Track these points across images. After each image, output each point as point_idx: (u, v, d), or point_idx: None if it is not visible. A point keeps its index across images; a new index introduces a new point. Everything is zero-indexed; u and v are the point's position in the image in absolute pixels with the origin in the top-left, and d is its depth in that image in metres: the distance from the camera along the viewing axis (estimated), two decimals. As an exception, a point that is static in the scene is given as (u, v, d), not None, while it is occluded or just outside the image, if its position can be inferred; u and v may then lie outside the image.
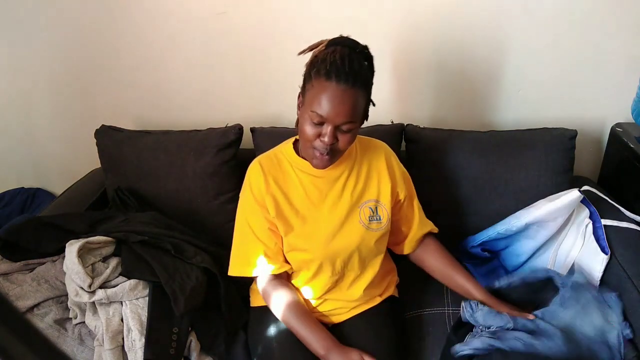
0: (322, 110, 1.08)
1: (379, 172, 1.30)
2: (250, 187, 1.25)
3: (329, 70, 1.07)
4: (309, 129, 1.12)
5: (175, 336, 1.27)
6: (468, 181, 1.59)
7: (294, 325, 1.20)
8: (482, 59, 1.76)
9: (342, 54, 1.08)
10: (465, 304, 1.23)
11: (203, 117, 1.91)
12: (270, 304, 1.25)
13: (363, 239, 1.25)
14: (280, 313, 1.23)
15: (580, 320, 1.13)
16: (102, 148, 1.77)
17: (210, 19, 1.80)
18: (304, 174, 1.25)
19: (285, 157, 1.28)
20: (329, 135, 1.10)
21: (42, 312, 1.32)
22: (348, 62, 1.07)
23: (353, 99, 1.08)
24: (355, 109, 1.09)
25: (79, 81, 1.99)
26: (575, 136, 1.57)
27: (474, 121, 1.81)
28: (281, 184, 1.25)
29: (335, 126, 1.09)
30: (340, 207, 1.25)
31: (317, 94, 1.08)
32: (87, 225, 1.47)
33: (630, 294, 1.21)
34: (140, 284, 1.32)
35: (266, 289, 1.26)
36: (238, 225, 1.30)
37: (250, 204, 1.25)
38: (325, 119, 1.09)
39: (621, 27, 1.65)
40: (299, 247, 1.25)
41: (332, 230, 1.25)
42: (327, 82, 1.07)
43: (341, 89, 1.06)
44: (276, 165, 1.27)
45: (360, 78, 1.09)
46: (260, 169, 1.25)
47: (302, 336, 1.19)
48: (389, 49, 1.76)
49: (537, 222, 1.39)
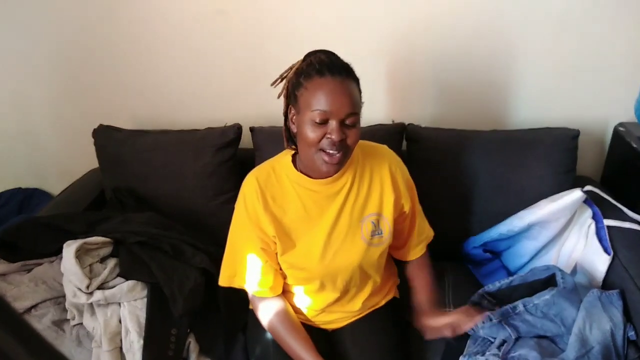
0: (324, 106, 1.05)
1: (382, 183, 1.23)
2: (245, 205, 1.20)
3: (319, 68, 1.06)
4: (312, 132, 1.07)
5: (174, 337, 1.26)
6: (470, 181, 1.58)
7: (282, 338, 1.20)
8: (484, 58, 1.75)
9: (325, 55, 1.11)
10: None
11: (202, 116, 1.90)
12: (257, 314, 1.25)
13: (365, 256, 1.22)
14: (267, 324, 1.23)
15: (589, 326, 1.12)
16: (100, 148, 1.76)
17: (209, 18, 1.79)
18: (303, 188, 1.19)
19: (283, 170, 1.21)
20: (337, 130, 1.05)
21: (40, 313, 1.31)
22: (334, 58, 1.10)
23: (351, 89, 1.07)
24: (355, 99, 1.08)
25: (77, 81, 1.98)
26: (578, 136, 1.56)
27: (476, 121, 1.80)
28: (279, 201, 1.20)
29: (341, 120, 1.06)
30: (341, 223, 1.20)
31: (314, 93, 1.06)
32: (85, 226, 1.46)
33: (633, 294, 1.21)
34: (139, 285, 1.32)
35: (253, 299, 1.27)
36: (231, 237, 1.27)
37: (244, 221, 1.21)
38: (329, 114, 1.05)
39: (623, 27, 1.65)
40: (297, 266, 1.22)
41: (332, 248, 1.20)
42: (322, 79, 1.06)
43: (338, 81, 1.05)
44: (273, 180, 1.21)
45: (350, 70, 1.10)
46: (257, 186, 1.19)
47: (291, 351, 1.19)
48: (389, 49, 1.76)
49: (539, 223, 1.39)
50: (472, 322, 1.19)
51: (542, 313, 1.15)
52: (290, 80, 1.13)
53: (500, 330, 1.18)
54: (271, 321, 1.22)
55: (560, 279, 1.19)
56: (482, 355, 1.15)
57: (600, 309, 1.15)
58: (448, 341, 1.30)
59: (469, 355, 1.18)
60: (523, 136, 1.61)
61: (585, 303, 1.16)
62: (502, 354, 1.14)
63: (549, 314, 1.15)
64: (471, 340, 1.23)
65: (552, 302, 1.14)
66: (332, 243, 1.20)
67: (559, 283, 1.18)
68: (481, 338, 1.22)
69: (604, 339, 1.10)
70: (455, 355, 1.20)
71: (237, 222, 1.24)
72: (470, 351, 1.20)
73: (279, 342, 1.21)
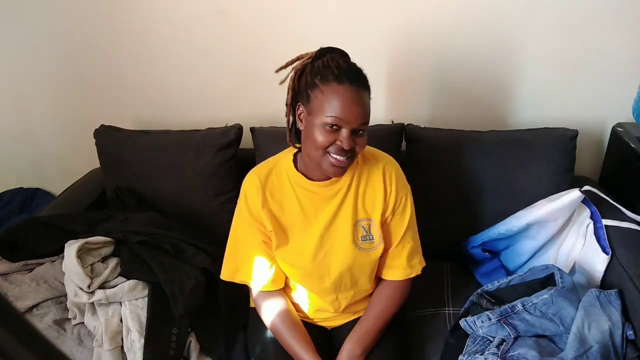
0: (339, 114, 1.06)
1: (374, 190, 1.24)
2: (246, 200, 1.23)
3: (337, 74, 1.07)
4: (323, 137, 1.08)
5: (175, 337, 1.27)
6: (469, 181, 1.59)
7: (283, 338, 1.21)
8: (483, 59, 1.76)
9: (342, 59, 1.11)
10: (462, 323, 1.23)
11: (202, 116, 1.90)
12: (260, 313, 1.26)
13: (354, 260, 1.22)
14: (269, 323, 1.24)
15: (587, 325, 1.12)
16: (102, 148, 1.76)
17: (209, 19, 1.80)
18: (301, 188, 1.22)
19: (284, 169, 1.24)
20: (347, 139, 1.07)
21: (41, 312, 1.32)
22: (352, 65, 1.11)
23: (365, 99, 1.09)
24: (368, 109, 1.10)
25: (78, 81, 1.98)
26: (576, 136, 1.56)
27: (475, 121, 1.80)
28: (278, 198, 1.22)
29: (352, 129, 1.08)
30: (335, 225, 1.22)
31: (330, 99, 1.06)
32: (86, 226, 1.47)
33: (631, 294, 1.21)
34: (140, 284, 1.32)
35: (257, 297, 1.27)
36: (232, 233, 1.29)
37: (245, 216, 1.23)
38: (343, 123, 1.06)
39: (622, 28, 1.65)
40: (289, 262, 1.24)
41: (324, 249, 1.22)
42: (340, 86, 1.06)
43: (355, 91, 1.07)
44: (274, 178, 1.24)
45: (366, 80, 1.11)
46: (257, 183, 1.21)
47: (291, 350, 1.20)
48: (389, 49, 1.76)
49: (538, 222, 1.39)
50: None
51: (540, 312, 1.16)
52: (300, 74, 1.14)
53: (499, 329, 1.19)
54: (273, 321, 1.23)
55: (559, 278, 1.19)
56: (482, 355, 1.16)
57: (599, 309, 1.16)
58: (447, 340, 1.30)
59: (468, 354, 1.18)
60: (522, 136, 1.61)
61: (583, 302, 1.16)
62: (501, 353, 1.14)
63: (547, 313, 1.16)
64: (470, 339, 1.24)
65: (550, 302, 1.15)
66: (324, 244, 1.22)
67: (557, 282, 1.18)
68: (480, 337, 1.22)
69: (603, 338, 1.11)
70: (455, 355, 1.21)
71: (238, 217, 1.27)
72: (470, 350, 1.20)
73: (280, 341, 1.22)
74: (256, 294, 1.27)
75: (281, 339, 1.22)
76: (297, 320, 1.25)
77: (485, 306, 1.24)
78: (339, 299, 1.28)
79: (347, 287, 1.27)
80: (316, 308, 1.30)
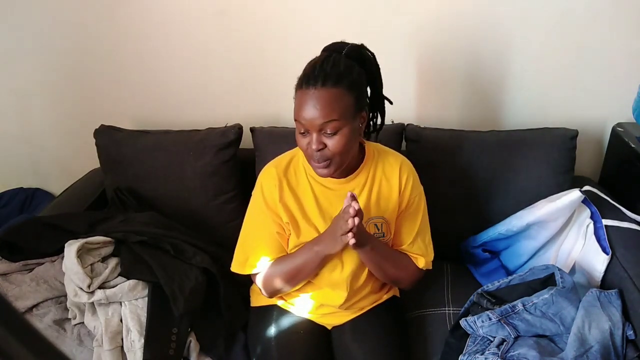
0: (300, 117, 1.10)
1: (389, 188, 1.27)
2: (262, 192, 1.25)
3: (303, 79, 1.11)
4: (300, 140, 1.14)
5: (175, 337, 1.27)
6: (469, 181, 1.59)
7: (291, 263, 1.23)
8: (484, 60, 1.76)
9: (317, 60, 1.13)
10: (463, 323, 1.23)
11: (202, 116, 1.90)
12: (272, 278, 1.25)
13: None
14: (272, 278, 1.25)
15: (587, 325, 1.12)
16: (102, 148, 1.76)
17: (209, 19, 1.79)
18: (318, 184, 1.25)
19: (301, 162, 1.27)
20: (314, 141, 1.10)
21: (41, 312, 1.32)
22: (319, 65, 1.10)
23: (325, 98, 1.07)
24: (330, 108, 1.07)
25: (78, 81, 1.98)
26: (576, 136, 1.56)
27: (475, 121, 1.81)
28: (294, 189, 1.25)
29: (318, 130, 1.09)
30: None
31: (297, 104, 1.12)
32: (86, 226, 1.47)
33: (632, 294, 1.21)
34: (140, 284, 1.32)
35: (257, 279, 1.28)
36: (246, 224, 1.31)
37: (261, 207, 1.26)
38: (307, 126, 1.10)
39: (622, 27, 1.65)
40: None
41: None
42: (300, 91, 1.10)
43: (310, 93, 1.08)
44: (292, 171, 1.27)
45: (332, 77, 1.08)
46: (274, 175, 1.25)
47: (298, 261, 1.22)
48: (388, 49, 1.75)
49: (538, 223, 1.39)
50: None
51: (541, 312, 1.16)
52: None
53: (500, 329, 1.19)
54: (271, 272, 1.25)
55: (559, 278, 1.19)
56: (482, 354, 1.16)
57: (599, 309, 1.16)
58: (447, 340, 1.30)
59: (468, 354, 1.18)
60: (522, 136, 1.61)
61: (584, 302, 1.16)
62: (501, 353, 1.14)
63: (548, 313, 1.16)
64: (471, 339, 1.24)
65: (551, 302, 1.15)
66: None
67: (558, 282, 1.18)
68: (480, 337, 1.22)
69: (603, 338, 1.11)
70: (455, 354, 1.21)
71: (253, 209, 1.29)
72: (470, 350, 1.20)
73: (289, 274, 1.23)
74: (257, 278, 1.29)
75: (289, 267, 1.23)
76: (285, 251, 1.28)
77: (485, 306, 1.24)
78: (349, 292, 1.28)
79: (358, 281, 1.28)
80: (321, 302, 1.30)
